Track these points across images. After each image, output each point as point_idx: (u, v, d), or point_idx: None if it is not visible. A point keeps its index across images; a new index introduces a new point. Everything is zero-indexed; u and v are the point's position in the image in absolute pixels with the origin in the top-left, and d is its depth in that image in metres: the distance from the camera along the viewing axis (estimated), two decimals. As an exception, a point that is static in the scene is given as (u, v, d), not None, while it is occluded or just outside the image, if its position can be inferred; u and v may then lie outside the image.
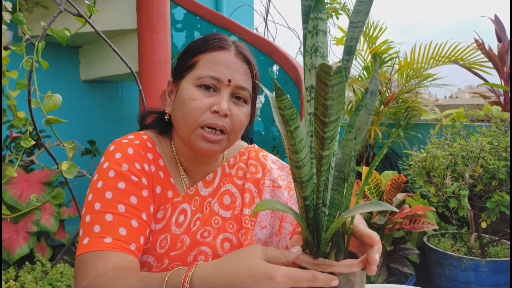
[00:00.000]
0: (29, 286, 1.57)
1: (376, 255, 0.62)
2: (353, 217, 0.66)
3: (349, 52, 0.65)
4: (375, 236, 0.64)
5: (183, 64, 0.88)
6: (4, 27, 1.56)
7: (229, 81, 0.83)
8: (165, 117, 0.90)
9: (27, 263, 1.73)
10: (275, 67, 3.35)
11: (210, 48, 0.85)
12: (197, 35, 3.30)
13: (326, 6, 4.20)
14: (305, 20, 0.64)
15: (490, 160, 1.95)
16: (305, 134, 0.64)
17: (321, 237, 0.62)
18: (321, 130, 0.52)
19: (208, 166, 0.95)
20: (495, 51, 3.24)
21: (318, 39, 0.60)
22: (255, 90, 0.91)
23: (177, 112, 0.86)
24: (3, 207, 1.34)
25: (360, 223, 0.68)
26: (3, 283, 1.54)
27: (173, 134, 0.93)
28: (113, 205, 0.77)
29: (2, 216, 1.35)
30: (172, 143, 0.93)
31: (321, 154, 0.55)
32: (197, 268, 0.61)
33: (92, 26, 1.48)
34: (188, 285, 0.59)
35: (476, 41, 3.27)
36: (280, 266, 0.57)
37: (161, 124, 0.92)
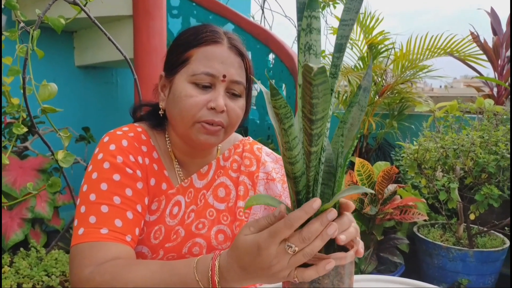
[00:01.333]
0: (24, 272, 1.59)
1: (360, 248, 0.64)
2: (339, 211, 0.67)
3: (340, 49, 0.66)
4: (350, 203, 0.64)
5: (176, 58, 0.87)
6: (-4, 12, 1.54)
7: (224, 76, 0.84)
8: (160, 112, 0.91)
9: (21, 249, 1.74)
10: (271, 56, 3.35)
11: (203, 42, 0.85)
12: (193, 21, 3.27)
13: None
14: (300, 18, 0.65)
15: (480, 154, 1.98)
16: (298, 130, 0.65)
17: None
18: (308, 127, 0.53)
19: (202, 158, 0.96)
20: (490, 44, 3.26)
21: (311, 37, 0.60)
22: (249, 82, 0.91)
23: (172, 109, 0.86)
24: (-2, 194, 1.35)
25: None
26: (-2, 268, 1.56)
27: (167, 128, 0.94)
28: (108, 196, 0.78)
29: (-3, 203, 1.36)
30: (167, 136, 0.94)
31: (309, 150, 0.57)
32: (221, 257, 0.63)
33: (88, 15, 1.47)
34: (217, 271, 0.61)
35: (472, 33, 3.28)
36: (262, 232, 0.57)
37: (155, 118, 0.93)
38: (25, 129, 1.47)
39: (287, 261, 0.56)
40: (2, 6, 1.51)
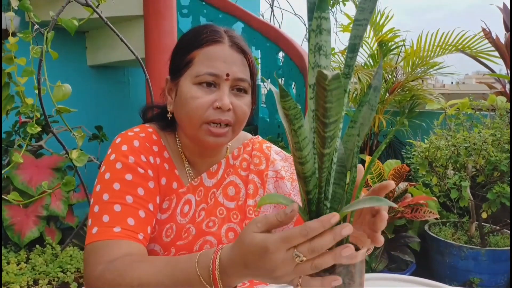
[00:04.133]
0: (40, 268, 1.63)
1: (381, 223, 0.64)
2: (353, 211, 0.68)
3: (353, 49, 0.66)
4: (390, 183, 0.66)
5: (179, 61, 0.88)
6: (11, 13, 1.57)
7: (227, 75, 0.84)
8: (168, 115, 0.92)
9: (37, 246, 1.78)
10: (281, 54, 3.35)
11: (204, 43, 0.86)
12: (203, 20, 3.29)
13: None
14: (311, 18, 0.65)
15: (493, 152, 1.96)
16: (308, 130, 0.65)
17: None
18: (322, 130, 0.54)
19: (212, 158, 0.97)
20: (502, 40, 3.22)
21: (321, 38, 0.60)
22: (253, 78, 0.91)
23: (180, 111, 0.87)
24: (14, 193, 1.38)
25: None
26: (14, 265, 1.59)
27: (177, 129, 0.95)
28: (121, 196, 0.80)
29: (14, 201, 1.39)
30: (177, 136, 0.95)
31: (322, 152, 0.57)
32: (222, 251, 0.62)
33: (100, 16, 1.49)
34: (218, 265, 0.60)
35: (484, 30, 3.24)
36: (273, 233, 0.56)
37: (164, 120, 0.94)
38: (39, 129, 1.50)
39: (292, 268, 0.55)
40: (16, 8, 1.54)
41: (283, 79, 3.40)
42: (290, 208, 0.56)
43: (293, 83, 3.32)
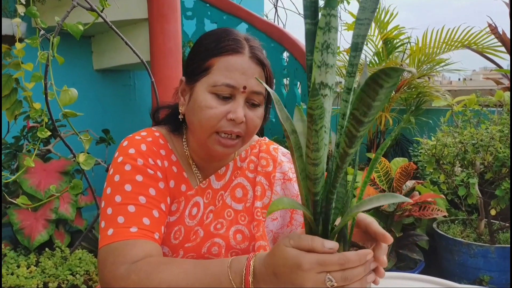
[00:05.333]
0: (50, 271, 1.64)
1: (383, 256, 0.65)
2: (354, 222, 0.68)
3: (356, 48, 0.66)
4: (388, 235, 0.66)
5: (197, 65, 0.88)
6: (18, 19, 1.59)
7: (244, 88, 0.84)
8: (179, 117, 0.92)
9: (47, 249, 1.80)
10: (285, 54, 3.34)
11: (224, 51, 0.85)
12: (207, 22, 3.30)
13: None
14: (307, 15, 0.65)
15: (500, 149, 1.94)
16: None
17: (329, 230, 0.65)
18: (355, 129, 0.53)
19: (219, 162, 0.98)
20: (509, 35, 3.19)
21: (330, 36, 0.59)
22: (270, 87, 0.91)
23: (192, 116, 0.87)
24: (23, 197, 1.39)
25: (372, 221, 0.70)
26: (24, 268, 1.61)
27: (186, 132, 0.96)
28: (133, 197, 0.80)
29: (22, 205, 1.41)
30: (184, 140, 0.95)
31: (346, 152, 0.56)
32: (255, 258, 0.65)
33: (105, 20, 1.50)
34: (251, 271, 0.64)
35: (490, 25, 3.21)
36: (308, 253, 0.58)
37: (174, 121, 0.94)
38: (49, 133, 1.52)
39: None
40: (22, 14, 1.55)
41: (288, 79, 3.40)
42: (331, 245, 0.58)
43: (298, 83, 3.31)
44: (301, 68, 3.15)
